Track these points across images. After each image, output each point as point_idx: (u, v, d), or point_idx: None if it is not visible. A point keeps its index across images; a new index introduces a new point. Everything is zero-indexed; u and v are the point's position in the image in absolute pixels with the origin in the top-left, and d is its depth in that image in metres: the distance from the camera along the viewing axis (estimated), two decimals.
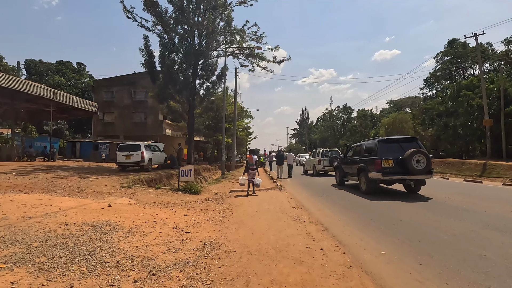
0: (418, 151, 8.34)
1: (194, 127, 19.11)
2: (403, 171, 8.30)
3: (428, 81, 35.88)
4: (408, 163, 8.17)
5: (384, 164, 8.43)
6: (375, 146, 9.14)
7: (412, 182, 8.63)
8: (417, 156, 8.26)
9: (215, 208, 7.12)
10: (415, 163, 8.21)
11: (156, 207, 6.76)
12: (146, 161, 14.43)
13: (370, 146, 9.68)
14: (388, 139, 9.44)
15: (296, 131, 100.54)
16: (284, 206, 7.15)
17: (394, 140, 9.30)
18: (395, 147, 8.87)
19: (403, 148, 8.69)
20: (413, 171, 8.16)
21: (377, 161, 8.52)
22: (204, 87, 18.83)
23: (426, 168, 8.23)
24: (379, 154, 8.69)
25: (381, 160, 8.46)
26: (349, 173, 10.97)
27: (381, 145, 8.97)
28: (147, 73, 18.00)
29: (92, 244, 3.73)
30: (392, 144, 9.05)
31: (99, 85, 33.52)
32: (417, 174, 8.22)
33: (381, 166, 8.43)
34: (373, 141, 9.87)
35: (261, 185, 11.27)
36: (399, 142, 9.09)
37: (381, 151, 8.76)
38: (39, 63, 44.87)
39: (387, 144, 9.02)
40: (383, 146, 8.91)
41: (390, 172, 8.41)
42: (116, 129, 32.48)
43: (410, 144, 8.87)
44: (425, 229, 4.85)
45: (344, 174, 11.56)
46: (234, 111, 22.04)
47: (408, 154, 8.25)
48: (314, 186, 12.00)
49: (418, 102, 54.96)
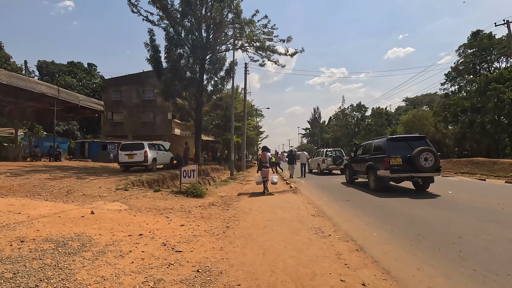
0: (426, 149, 8.38)
1: (201, 125, 18.15)
2: (411, 169, 8.38)
3: (450, 75, 33.71)
4: (416, 161, 8.25)
5: (392, 162, 8.54)
6: (384, 144, 9.23)
7: (420, 179, 8.74)
8: (425, 154, 8.29)
9: (219, 215, 6.02)
10: (423, 161, 8.27)
11: (150, 214, 5.71)
12: (150, 160, 13.51)
13: (378, 144, 9.79)
14: (397, 138, 9.58)
15: (308, 130, 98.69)
16: (302, 214, 5.96)
17: (402, 139, 9.46)
18: (404, 145, 8.99)
19: (411, 147, 8.77)
20: (421, 168, 8.23)
21: (386, 159, 8.65)
22: (212, 83, 17.86)
23: (434, 165, 8.28)
24: (388, 152, 8.80)
25: (390, 158, 8.57)
26: (359, 171, 11.09)
27: (389, 143, 9.08)
28: (152, 69, 17.13)
29: (39, 274, 2.67)
30: (400, 142, 9.18)
31: (108, 85, 33.18)
32: (425, 171, 8.28)
33: (390, 164, 8.53)
34: (381, 139, 9.90)
35: (274, 187, 10.13)
36: (407, 141, 9.20)
37: (390, 149, 8.87)
38: (51, 64, 45.21)
39: (395, 143, 9.14)
40: (392, 145, 9.03)
41: (398, 169, 8.50)
42: (125, 129, 32.03)
43: (418, 143, 8.89)
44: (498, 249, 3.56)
45: (354, 172, 11.69)
46: (244, 109, 20.95)
47: (416, 152, 8.33)
48: (331, 188, 10.73)
49: (436, 99, 52.46)
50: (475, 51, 30.65)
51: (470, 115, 25.24)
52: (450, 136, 28.54)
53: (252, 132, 32.80)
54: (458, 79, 33.13)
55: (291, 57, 17.88)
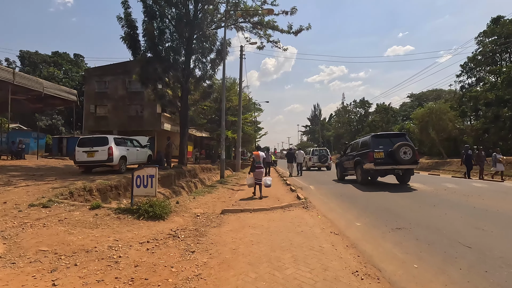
0: (405, 144, 9.35)
1: (187, 117, 15.18)
2: (392, 162, 9.34)
3: (467, 66, 30.74)
4: (396, 155, 9.18)
5: (376, 155, 9.44)
6: (369, 141, 10.14)
7: (400, 171, 9.72)
8: (404, 148, 9.26)
9: (174, 268, 3.08)
10: (403, 154, 9.22)
11: (24, 273, 2.77)
12: (116, 159, 10.55)
13: (364, 141, 10.73)
14: (380, 135, 10.51)
15: (308, 128, 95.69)
16: (333, 268, 3.03)
17: (385, 136, 10.36)
18: (386, 141, 9.81)
19: (393, 142, 9.60)
20: (401, 161, 9.20)
21: (370, 153, 9.55)
22: (200, 67, 14.84)
23: (412, 158, 9.28)
24: (372, 147, 9.68)
25: (373, 152, 9.48)
26: (348, 168, 11.85)
27: (373, 139, 10.02)
28: (128, 48, 14.08)
29: None
30: (383, 139, 10.03)
31: (91, 75, 30.11)
32: (404, 164, 9.28)
33: (373, 157, 9.44)
34: (367, 137, 10.82)
35: (276, 198, 7.23)
36: (389, 137, 10.10)
37: (374, 145, 9.75)
38: (34, 54, 42.03)
39: (378, 139, 10.04)
40: (375, 141, 9.93)
41: (381, 162, 9.42)
42: (109, 124, 29.02)
43: (399, 139, 9.82)
44: None
45: (344, 170, 12.49)
46: (239, 98, 17.98)
47: (396, 146, 9.26)
48: (356, 197, 7.82)
49: (443, 94, 49.62)
50: (496, 39, 27.74)
51: (495, 108, 22.37)
52: (469, 132, 25.70)
53: (250, 127, 29.81)
54: (476, 70, 30.20)
55: (295, 35, 14.91)
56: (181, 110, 14.90)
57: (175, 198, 6.88)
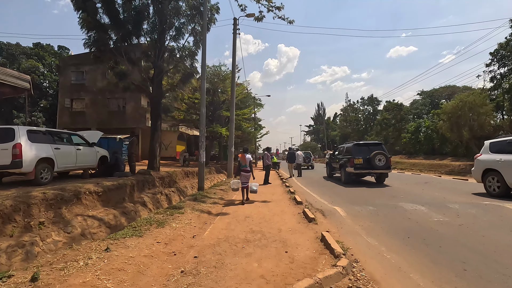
0: (379, 153, 11.21)
1: (161, 105, 11.28)
2: (369, 167, 11.27)
3: (498, 54, 26.64)
4: (372, 161, 11.13)
5: (356, 161, 11.39)
6: (351, 148, 12.15)
7: (375, 175, 11.93)
8: (379, 156, 11.16)
9: None
10: (378, 161, 11.13)
11: None
12: (30, 164, 6.71)
13: (348, 148, 12.75)
14: (360, 144, 12.45)
15: (311, 127, 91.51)
16: None
17: (364, 144, 12.32)
18: (365, 149, 11.72)
19: (371, 150, 11.47)
20: (376, 167, 11.15)
21: (351, 159, 11.52)
22: (173, 34, 10.93)
23: (386, 165, 11.21)
24: (353, 154, 11.67)
25: (354, 159, 11.43)
26: (336, 168, 14.17)
27: (354, 147, 12.00)
28: (75, 10, 10.16)
29: None
30: (363, 147, 11.96)
31: (66, 64, 26.35)
32: (379, 169, 11.24)
33: (354, 163, 11.40)
34: (350, 144, 12.89)
35: (282, 245, 3.27)
36: (368, 146, 12.03)
37: (355, 152, 11.73)
38: (14, 46, 38.40)
39: (359, 147, 11.97)
40: (356, 149, 11.88)
41: (360, 167, 11.38)
42: (87, 120, 25.28)
43: (376, 147, 11.73)
44: None
45: (332, 169, 14.88)
46: (232, 84, 14.10)
47: (373, 154, 11.17)
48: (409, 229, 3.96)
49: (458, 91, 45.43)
50: None
51: None
52: (507, 127, 21.72)
53: (248, 124, 25.86)
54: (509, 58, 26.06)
55: None
56: (152, 96, 11.04)
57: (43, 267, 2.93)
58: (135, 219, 7.33)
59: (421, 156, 30.07)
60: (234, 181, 8.44)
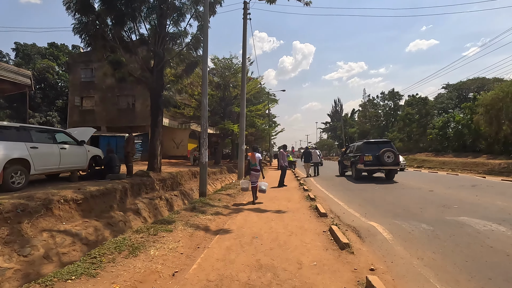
0: (388, 150, 11.72)
1: (161, 96, 10.01)
2: (379, 163, 11.78)
3: None
4: (381, 158, 11.61)
5: (366, 158, 11.93)
6: (362, 146, 12.73)
7: (385, 171, 12.50)
8: (388, 153, 11.64)
9: None
10: (386, 158, 11.61)
11: None
12: None
13: (359, 146, 13.27)
14: (370, 142, 13.28)
15: (328, 124, 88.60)
16: None
17: (374, 142, 13.04)
18: (375, 147, 12.25)
19: (380, 148, 11.97)
20: (385, 163, 11.64)
21: (361, 157, 12.10)
22: (175, 18, 9.61)
23: (394, 161, 11.70)
24: (363, 151, 12.21)
25: (364, 156, 11.99)
26: (347, 166, 14.75)
27: (365, 145, 12.63)
28: None
29: None
30: (372, 145, 12.62)
31: (76, 62, 25.87)
32: (388, 165, 11.72)
33: (364, 160, 11.96)
34: (360, 143, 13.52)
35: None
36: (377, 144, 12.66)
37: (365, 149, 12.28)
38: (30, 46, 38.79)
39: (369, 145, 12.63)
40: (366, 146, 12.48)
41: (370, 164, 11.94)
42: (97, 118, 24.71)
43: (385, 145, 12.29)
44: None
45: (344, 167, 15.47)
46: (243, 75, 12.71)
47: (381, 152, 11.67)
48: None
49: (488, 83, 41.80)
50: None
51: None
52: None
53: (262, 121, 24.38)
54: None
55: None
56: (151, 87, 9.81)
57: None
58: (124, 231, 6.06)
59: (450, 153, 27.57)
60: (244, 181, 8.89)
